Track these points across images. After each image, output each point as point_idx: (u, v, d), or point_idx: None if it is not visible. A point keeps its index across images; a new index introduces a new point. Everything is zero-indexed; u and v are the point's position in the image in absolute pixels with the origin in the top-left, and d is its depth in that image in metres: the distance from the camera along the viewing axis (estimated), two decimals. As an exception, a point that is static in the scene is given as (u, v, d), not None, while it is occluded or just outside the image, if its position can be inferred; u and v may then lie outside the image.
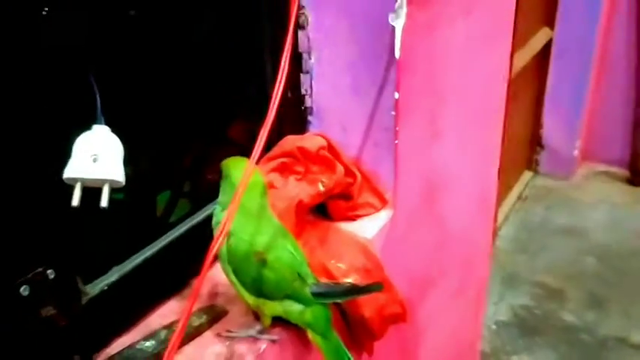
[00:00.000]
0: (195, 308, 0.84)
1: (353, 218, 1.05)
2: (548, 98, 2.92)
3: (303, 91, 1.06)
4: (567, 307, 2.22)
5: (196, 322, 0.80)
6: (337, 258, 0.93)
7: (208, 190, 0.99)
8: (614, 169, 3.03)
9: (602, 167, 3.07)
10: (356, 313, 0.95)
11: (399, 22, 0.94)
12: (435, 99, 1.13)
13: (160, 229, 0.88)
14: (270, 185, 0.98)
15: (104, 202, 0.60)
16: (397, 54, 0.96)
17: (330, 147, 1.02)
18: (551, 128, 2.96)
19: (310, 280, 0.80)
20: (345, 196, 1.04)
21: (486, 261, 1.75)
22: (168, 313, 0.85)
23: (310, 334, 0.80)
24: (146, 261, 0.82)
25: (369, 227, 1.04)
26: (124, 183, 0.62)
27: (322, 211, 1.05)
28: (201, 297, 0.88)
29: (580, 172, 3.05)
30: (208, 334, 0.81)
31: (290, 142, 1.00)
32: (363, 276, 0.95)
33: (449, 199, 1.33)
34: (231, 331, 0.80)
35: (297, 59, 1.03)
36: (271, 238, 0.78)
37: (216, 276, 0.92)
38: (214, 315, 0.83)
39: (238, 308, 0.85)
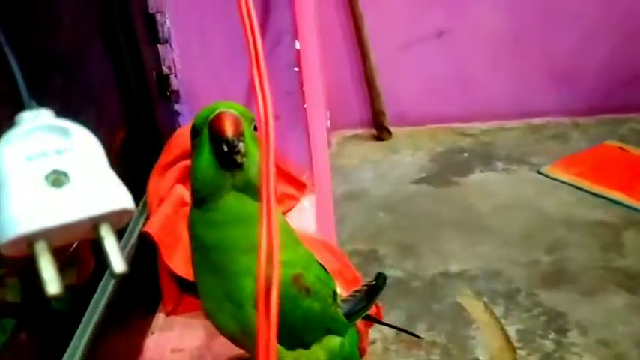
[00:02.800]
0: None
1: (277, 218, 0.80)
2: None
3: (165, 70, 0.76)
4: (387, 264, 2.26)
5: None
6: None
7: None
8: (360, 131, 3.23)
9: (350, 132, 3.24)
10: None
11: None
12: (309, 50, 0.94)
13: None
14: (182, 202, 0.67)
15: (119, 265, 0.27)
16: (291, -10, 0.74)
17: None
18: (300, 106, 2.99)
19: (338, 299, 0.55)
20: (265, 191, 0.78)
21: (334, 238, 1.64)
22: None
23: None
24: None
25: (301, 223, 0.81)
26: (134, 210, 0.29)
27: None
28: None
29: (334, 142, 3.16)
30: None
31: (186, 136, 0.70)
32: (339, 279, 0.73)
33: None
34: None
35: (149, 24, 0.72)
36: (297, 250, 0.51)
37: (158, 357, 0.59)
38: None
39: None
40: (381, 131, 3.15)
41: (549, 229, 2.34)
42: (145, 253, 0.63)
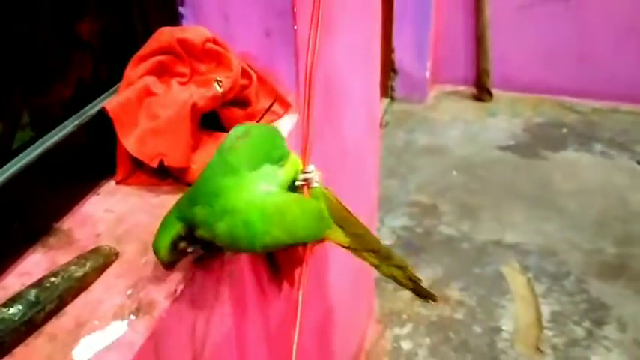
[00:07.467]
0: (71, 256, 0.61)
1: (252, 128, 0.87)
2: (396, 22, 2.89)
3: (169, -26, 0.84)
4: (444, 221, 2.25)
5: (78, 272, 0.58)
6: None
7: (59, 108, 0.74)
8: (461, 88, 3.14)
9: (450, 87, 3.16)
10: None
11: None
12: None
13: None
14: (147, 91, 0.75)
15: None
16: None
17: (216, 42, 0.82)
18: (402, 53, 2.96)
19: None
20: (241, 102, 0.85)
21: (376, 182, 1.67)
22: (32, 268, 0.61)
23: None
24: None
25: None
26: None
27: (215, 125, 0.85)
28: (76, 242, 0.65)
29: (431, 94, 3.11)
30: (99, 286, 0.59)
31: (167, 34, 0.78)
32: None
33: (342, 107, 1.19)
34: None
35: None
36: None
37: (91, 212, 0.70)
38: (102, 261, 0.61)
39: (134, 246, 0.64)
40: (481, 91, 3.04)
41: (627, 223, 2.19)
42: (107, 127, 0.72)
